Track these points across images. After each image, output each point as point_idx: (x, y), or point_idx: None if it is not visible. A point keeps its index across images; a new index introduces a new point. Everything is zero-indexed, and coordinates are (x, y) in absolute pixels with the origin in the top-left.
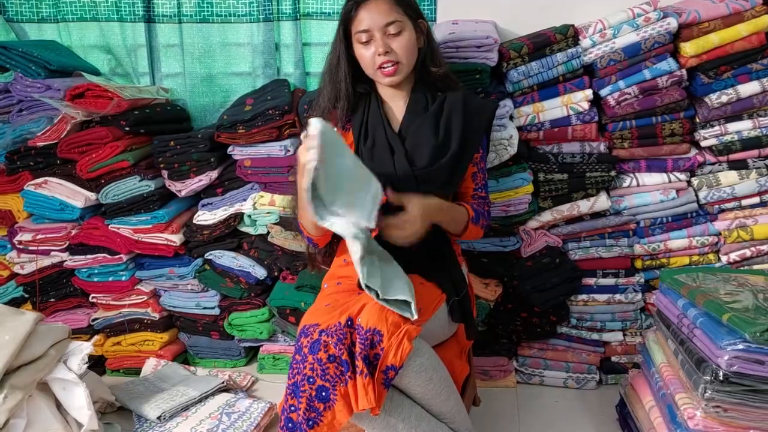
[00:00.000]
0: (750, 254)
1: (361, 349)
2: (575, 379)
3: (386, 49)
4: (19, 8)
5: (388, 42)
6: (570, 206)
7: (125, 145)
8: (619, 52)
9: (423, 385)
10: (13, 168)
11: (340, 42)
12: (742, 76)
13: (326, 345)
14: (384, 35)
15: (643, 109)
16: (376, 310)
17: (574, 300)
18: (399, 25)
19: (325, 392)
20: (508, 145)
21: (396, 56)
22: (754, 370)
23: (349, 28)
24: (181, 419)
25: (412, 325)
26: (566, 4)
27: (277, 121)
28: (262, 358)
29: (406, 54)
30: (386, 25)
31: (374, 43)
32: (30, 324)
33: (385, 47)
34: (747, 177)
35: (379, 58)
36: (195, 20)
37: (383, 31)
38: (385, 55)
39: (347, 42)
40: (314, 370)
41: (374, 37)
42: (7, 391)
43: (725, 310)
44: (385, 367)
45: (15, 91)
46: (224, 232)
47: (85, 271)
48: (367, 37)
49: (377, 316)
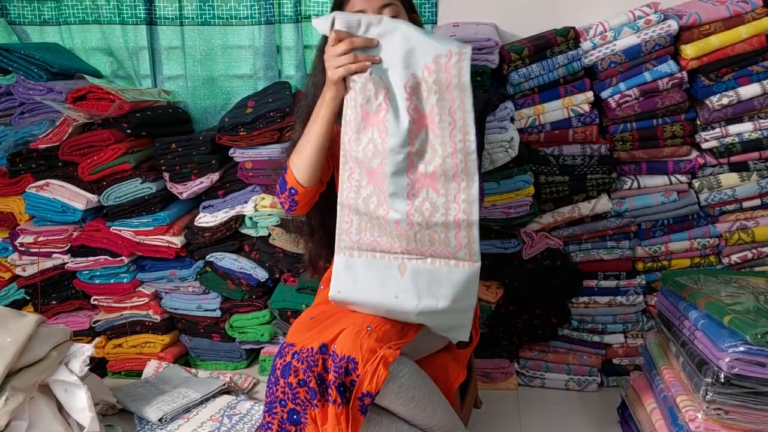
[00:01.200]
0: (751, 256)
1: (336, 377)
2: (576, 382)
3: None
4: (21, 11)
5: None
6: (571, 208)
7: (127, 147)
8: (620, 54)
9: (405, 404)
10: (15, 170)
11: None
12: (742, 78)
13: (296, 370)
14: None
15: (643, 111)
16: (351, 337)
17: (575, 302)
18: (395, 9)
19: (296, 415)
20: (509, 147)
21: None
22: (755, 372)
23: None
24: (182, 421)
25: (390, 349)
26: (567, 6)
27: (278, 124)
28: (263, 360)
29: None
30: (382, 7)
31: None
32: (31, 326)
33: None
34: (748, 179)
35: None
36: (196, 23)
37: (377, 13)
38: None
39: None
40: (285, 393)
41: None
42: (8, 393)
43: (726, 312)
44: (361, 394)
45: (17, 93)
46: (225, 234)
47: (87, 273)
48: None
49: (352, 344)
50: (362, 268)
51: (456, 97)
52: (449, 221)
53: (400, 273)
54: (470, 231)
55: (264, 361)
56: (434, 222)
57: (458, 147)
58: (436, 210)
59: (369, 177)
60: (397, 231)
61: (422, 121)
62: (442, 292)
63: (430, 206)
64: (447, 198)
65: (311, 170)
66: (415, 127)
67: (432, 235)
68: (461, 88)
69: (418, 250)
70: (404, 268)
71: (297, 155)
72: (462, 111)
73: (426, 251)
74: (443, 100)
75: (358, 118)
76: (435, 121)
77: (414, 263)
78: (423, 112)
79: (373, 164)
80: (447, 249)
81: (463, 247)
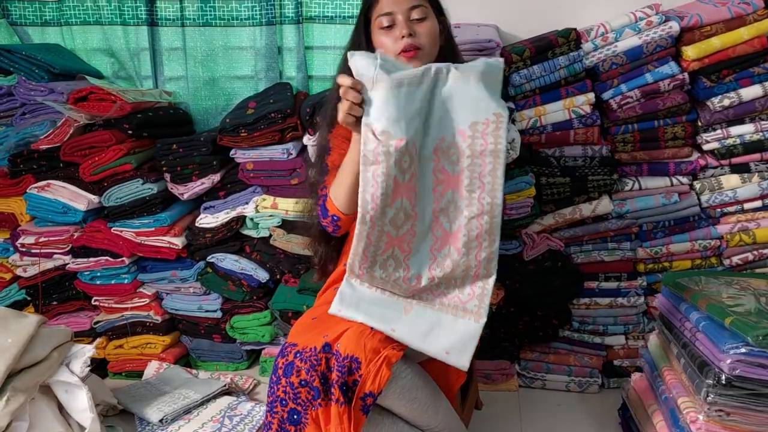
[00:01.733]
0: (752, 258)
1: (339, 376)
2: (577, 383)
3: (410, 32)
4: (23, 11)
5: (411, 26)
6: (572, 210)
7: (128, 148)
8: (621, 55)
9: (406, 405)
10: (16, 171)
11: (360, 31)
12: (744, 79)
13: (299, 370)
14: (407, 20)
15: (645, 112)
16: (354, 336)
17: (576, 303)
18: (423, 11)
19: (296, 415)
20: (511, 149)
21: (419, 41)
22: (756, 373)
23: (369, 16)
24: (183, 422)
25: (393, 350)
26: (568, 7)
27: (279, 125)
28: (264, 362)
29: (429, 41)
30: (410, 9)
31: (397, 27)
32: (32, 327)
33: (409, 29)
34: (749, 180)
35: (401, 42)
36: (198, 24)
37: (407, 15)
38: (409, 38)
39: (367, 31)
40: (287, 392)
41: (397, 20)
42: (9, 394)
43: (728, 314)
44: (363, 394)
45: (18, 94)
46: (226, 235)
47: (88, 274)
48: (390, 21)
49: (355, 343)
50: (368, 298)
51: (488, 162)
52: (468, 276)
53: (404, 312)
54: (486, 283)
55: (265, 362)
56: (453, 277)
57: (485, 209)
58: (457, 267)
59: (389, 245)
60: (414, 288)
61: (449, 183)
62: (439, 342)
63: (451, 264)
64: (468, 257)
65: (353, 201)
66: (440, 187)
67: (448, 284)
68: (495, 154)
69: (430, 293)
70: (410, 308)
71: (337, 189)
72: (492, 176)
73: (437, 295)
74: (475, 165)
75: (388, 192)
76: (463, 183)
77: (421, 307)
78: (451, 175)
79: (400, 232)
80: (459, 297)
81: (474, 297)
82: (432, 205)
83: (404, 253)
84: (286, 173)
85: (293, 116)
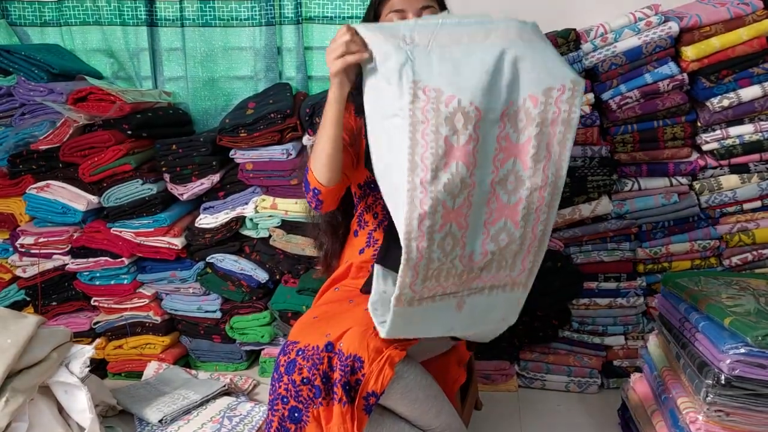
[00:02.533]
0: (752, 258)
1: (341, 375)
2: (577, 383)
3: None
4: (22, 12)
5: None
6: (572, 210)
7: (127, 148)
8: (621, 56)
9: (408, 405)
10: (16, 171)
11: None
12: (743, 80)
13: (301, 368)
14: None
15: (644, 113)
16: (357, 335)
17: (576, 304)
18: (433, 11)
19: (297, 413)
20: None
21: None
22: (756, 374)
23: (379, 12)
24: (182, 422)
25: (396, 350)
26: (568, 8)
27: (279, 125)
28: (264, 362)
29: None
30: (422, 9)
31: None
32: (32, 327)
33: None
34: (748, 181)
35: None
36: (197, 24)
37: (418, 14)
38: None
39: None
40: (288, 390)
41: (408, 18)
42: (8, 395)
43: (727, 314)
44: (366, 394)
45: (18, 94)
46: (226, 235)
47: (87, 274)
48: (400, 18)
49: (359, 342)
50: (420, 314)
51: (559, 132)
52: (522, 249)
53: (458, 308)
54: (537, 256)
55: (264, 363)
56: (507, 251)
57: (549, 181)
58: (512, 241)
59: (446, 218)
60: (467, 267)
61: (512, 150)
62: (495, 316)
63: (506, 237)
64: (525, 230)
65: (330, 171)
66: (502, 155)
67: (500, 261)
68: (567, 123)
69: (479, 282)
70: (462, 303)
71: (314, 156)
72: (561, 146)
73: (487, 281)
74: (543, 134)
75: (440, 152)
76: (529, 153)
77: (473, 298)
78: (515, 143)
79: (457, 202)
80: (510, 274)
81: (525, 270)
82: (491, 176)
83: (462, 230)
84: (286, 174)
85: (293, 116)
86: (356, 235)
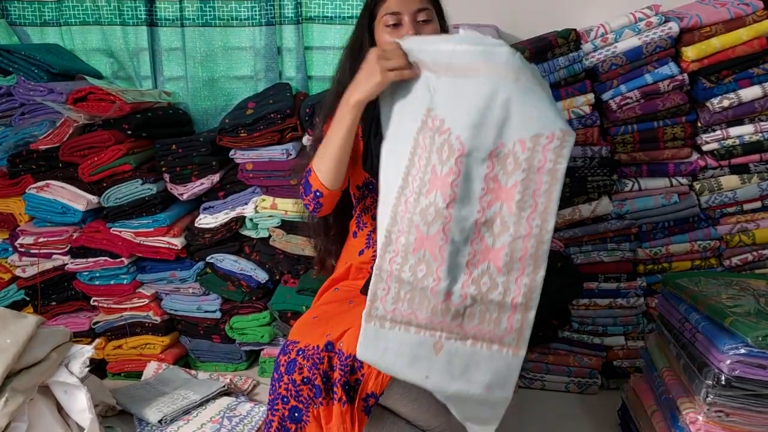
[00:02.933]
0: (752, 258)
1: (341, 375)
2: (577, 384)
3: (416, 33)
4: (22, 11)
5: (417, 27)
6: (572, 210)
7: (127, 148)
8: (621, 56)
9: (407, 406)
10: (15, 171)
11: (363, 24)
12: (743, 80)
13: (301, 368)
14: (413, 21)
15: (644, 113)
16: (357, 335)
17: (576, 304)
18: (428, 14)
19: (297, 413)
20: None
21: None
22: (756, 374)
23: (374, 13)
24: (182, 423)
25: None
26: (568, 8)
27: (278, 125)
28: (263, 362)
29: None
30: (417, 11)
31: (403, 27)
32: (31, 327)
33: (415, 30)
34: (749, 181)
35: None
36: (197, 24)
37: (413, 17)
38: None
39: (370, 27)
40: (288, 390)
41: (403, 21)
42: (8, 395)
43: (727, 315)
44: (365, 395)
45: (17, 94)
46: (226, 235)
47: (87, 274)
48: (396, 20)
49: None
50: (393, 342)
51: (545, 182)
52: (506, 302)
53: (434, 351)
54: (526, 315)
55: (264, 363)
56: (489, 299)
57: (533, 232)
58: (494, 287)
59: (419, 243)
60: (443, 305)
61: (499, 193)
62: (478, 378)
63: (488, 281)
64: (508, 278)
65: (336, 174)
66: (489, 196)
67: (483, 312)
68: (553, 174)
69: (461, 329)
70: (440, 347)
71: (320, 159)
72: (547, 197)
73: (469, 330)
74: (530, 180)
75: (426, 178)
76: (514, 198)
77: (452, 343)
78: (502, 185)
79: (431, 230)
80: (495, 330)
81: (512, 331)
82: (475, 215)
83: (436, 262)
84: (286, 174)
85: (293, 117)
86: (355, 236)
